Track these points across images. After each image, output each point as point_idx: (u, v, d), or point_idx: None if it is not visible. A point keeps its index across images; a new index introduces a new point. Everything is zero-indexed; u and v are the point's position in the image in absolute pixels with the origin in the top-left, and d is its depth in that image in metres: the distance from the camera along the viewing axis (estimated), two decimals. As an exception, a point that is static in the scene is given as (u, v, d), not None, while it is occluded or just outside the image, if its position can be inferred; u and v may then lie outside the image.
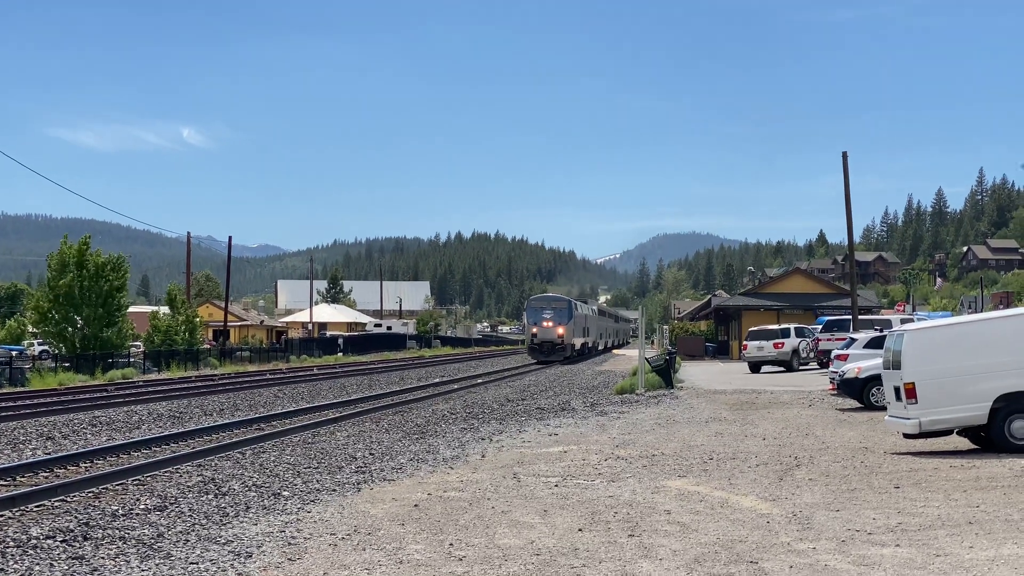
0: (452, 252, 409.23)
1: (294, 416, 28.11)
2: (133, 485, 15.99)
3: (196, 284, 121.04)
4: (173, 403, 33.93)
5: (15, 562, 10.64)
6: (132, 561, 10.70)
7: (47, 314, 59.46)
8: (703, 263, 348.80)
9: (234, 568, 10.27)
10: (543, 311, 70.93)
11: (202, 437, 22.93)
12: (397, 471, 17.39)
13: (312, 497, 14.71)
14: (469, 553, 10.74)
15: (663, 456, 18.65)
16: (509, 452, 19.84)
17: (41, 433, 24.31)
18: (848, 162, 48.51)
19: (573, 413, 28.64)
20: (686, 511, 12.96)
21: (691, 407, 29.57)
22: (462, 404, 32.60)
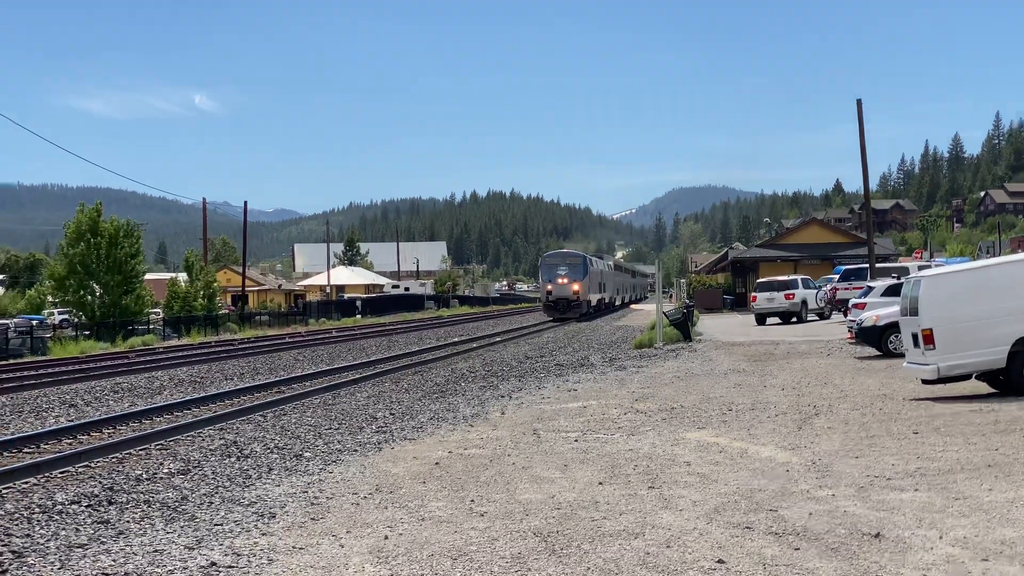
0: (468, 211, 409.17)
1: (314, 378, 28.22)
2: (156, 450, 16.11)
3: (213, 250, 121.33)
4: (194, 368, 34.10)
5: (41, 527, 10.75)
6: (157, 524, 10.80)
7: (64, 282, 59.78)
8: (719, 216, 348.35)
9: (258, 528, 10.36)
10: (558, 268, 69.93)
11: (223, 401, 23.05)
12: (417, 430, 17.48)
13: (334, 458, 14.80)
14: (490, 509, 10.81)
15: (682, 408, 18.69)
16: (528, 409, 19.91)
17: (64, 401, 24.47)
18: (863, 110, 48.24)
19: (592, 368, 28.70)
20: (705, 462, 13.01)
21: (709, 359, 29.59)
22: (481, 362, 32.68)
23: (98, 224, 59.49)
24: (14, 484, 13.11)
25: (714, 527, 9.57)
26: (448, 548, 9.20)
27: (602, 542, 9.18)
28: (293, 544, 9.61)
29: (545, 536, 9.48)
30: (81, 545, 9.96)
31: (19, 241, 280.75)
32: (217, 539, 9.98)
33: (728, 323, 52.53)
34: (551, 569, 8.39)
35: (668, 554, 8.70)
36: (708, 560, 8.45)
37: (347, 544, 9.52)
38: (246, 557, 9.20)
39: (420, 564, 8.71)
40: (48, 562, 9.33)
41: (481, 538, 9.53)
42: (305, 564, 8.88)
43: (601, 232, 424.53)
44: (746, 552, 8.66)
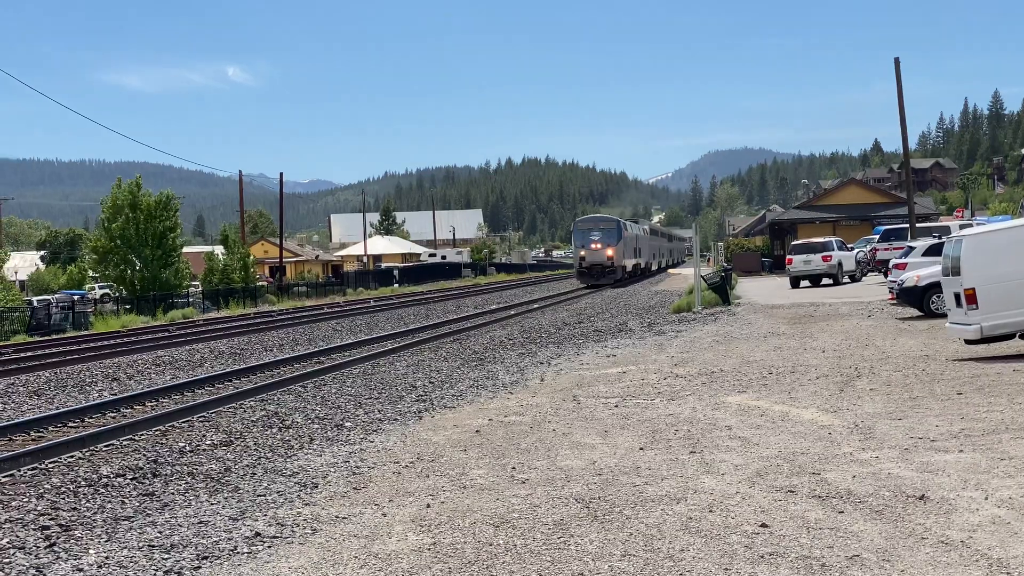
0: (503, 179, 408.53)
1: (353, 348, 28.32)
2: (199, 422, 16.22)
3: (250, 221, 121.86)
4: (233, 340, 34.30)
5: (87, 500, 10.85)
6: (201, 495, 10.88)
7: (105, 256, 60.23)
8: (756, 178, 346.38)
9: (301, 499, 10.41)
10: (591, 233, 67.86)
11: (263, 372, 23.17)
12: (457, 398, 17.51)
13: (374, 427, 14.85)
14: (532, 476, 10.81)
15: (722, 372, 18.62)
16: (568, 375, 19.90)
17: (107, 375, 24.67)
18: (900, 68, 47.71)
19: (630, 334, 28.64)
20: (747, 426, 12.96)
21: (749, 323, 29.46)
22: (519, 329, 32.68)
23: (137, 198, 59.83)
24: (60, 458, 13.24)
25: (756, 491, 9.54)
26: (490, 515, 9.21)
27: (644, 507, 9.17)
28: (336, 514, 9.65)
29: (587, 502, 9.47)
30: (127, 518, 10.05)
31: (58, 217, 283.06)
32: (261, 510, 10.04)
33: (767, 286, 52.28)
34: (593, 535, 8.39)
35: (711, 518, 8.68)
36: (751, 524, 8.43)
37: (389, 513, 9.55)
38: (290, 527, 9.25)
39: (462, 532, 8.73)
40: (95, 535, 9.42)
41: (523, 505, 9.53)
42: (348, 533, 8.92)
43: (637, 196, 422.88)
44: (789, 515, 8.63)
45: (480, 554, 8.08)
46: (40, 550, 8.95)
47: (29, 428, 15.83)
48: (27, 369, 26.51)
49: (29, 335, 43.27)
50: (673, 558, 7.68)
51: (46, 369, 26.58)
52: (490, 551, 8.14)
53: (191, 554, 8.59)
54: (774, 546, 7.84)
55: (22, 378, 24.64)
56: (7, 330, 43.98)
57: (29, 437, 15.28)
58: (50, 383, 23.36)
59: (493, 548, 8.21)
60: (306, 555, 8.35)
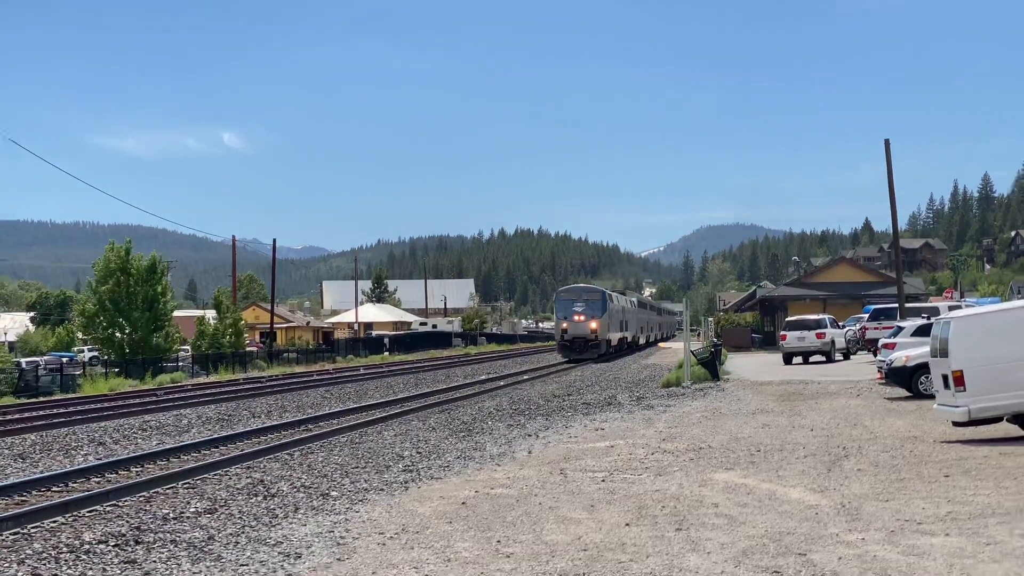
0: (496, 249, 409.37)
1: (341, 416, 28.25)
2: (183, 488, 16.14)
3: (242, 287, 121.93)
4: (222, 406, 34.20)
5: (68, 567, 10.78)
6: (184, 564, 10.81)
7: (94, 319, 60.18)
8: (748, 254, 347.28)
9: (284, 569, 10.35)
10: (574, 303, 64.25)
11: (250, 439, 23.09)
12: (444, 469, 17.45)
13: (360, 497, 14.79)
14: (517, 550, 10.77)
15: (710, 449, 18.59)
16: (556, 448, 19.85)
17: (93, 439, 24.57)
18: (891, 149, 48.11)
19: (619, 407, 28.61)
20: (733, 504, 12.92)
21: (738, 399, 29.45)
22: (508, 401, 32.64)
23: (127, 261, 59.90)
24: (43, 523, 13.15)
25: (742, 571, 9.50)
26: (474, 590, 9.16)
27: (629, 585, 9.13)
28: (319, 585, 9.60)
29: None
30: (108, 584, 9.98)
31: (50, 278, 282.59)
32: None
33: (757, 362, 52.29)
34: (577, 612, 8.34)
35: (695, 598, 8.63)
36: (736, 604, 8.39)
37: (373, 585, 9.50)
38: (272, 598, 9.20)
39: (446, 606, 8.68)
40: (75, 601, 9.34)
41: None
42: (331, 605, 8.87)
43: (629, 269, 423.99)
44: (774, 596, 8.59)
45: (463, 629, 8.03)
46: (19, 616, 8.88)
47: (12, 492, 15.74)
48: (13, 432, 26.38)
49: (16, 397, 43.07)
50: (656, 637, 7.64)
51: (32, 432, 26.46)
52: (473, 626, 8.09)
53: (171, 623, 8.53)
54: (758, 627, 7.80)
55: (7, 440, 24.52)
56: (-6, 391, 43.76)
57: (12, 501, 15.20)
58: (35, 446, 23.24)
59: (476, 623, 8.16)
60: (287, 627, 8.30)
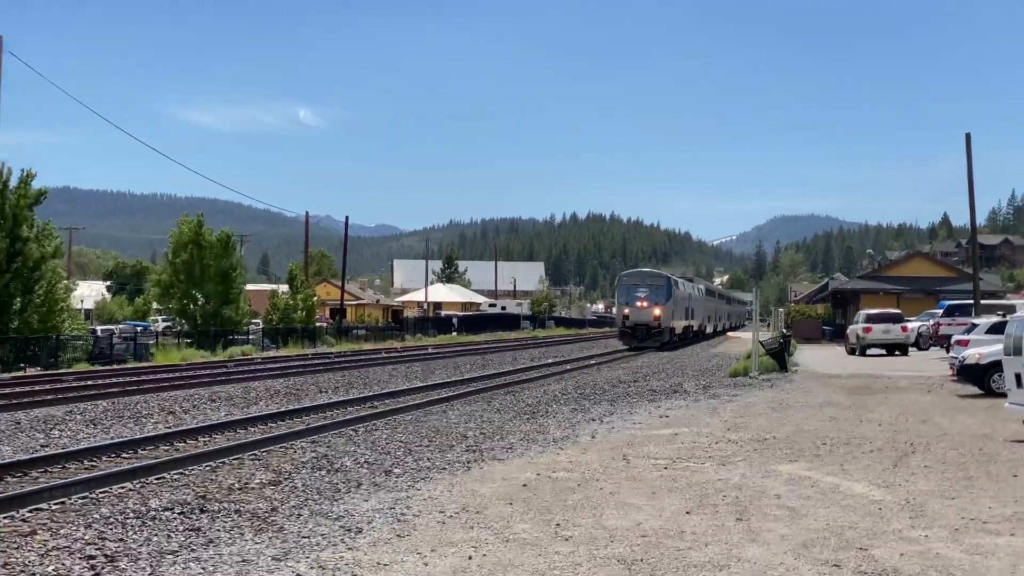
0: (567, 233, 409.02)
1: (407, 394, 28.41)
2: (249, 460, 16.33)
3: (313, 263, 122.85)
4: (290, 380, 34.52)
5: (134, 533, 10.95)
6: (246, 534, 10.94)
7: (168, 290, 61.03)
8: (821, 246, 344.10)
9: (344, 543, 10.43)
10: (636, 289, 61.42)
11: (317, 414, 23.30)
12: (507, 451, 17.49)
13: (422, 475, 14.86)
14: (575, 533, 10.78)
15: (775, 440, 18.47)
16: (619, 433, 19.82)
17: (163, 407, 24.93)
18: (972, 144, 47.40)
19: (685, 395, 28.50)
20: (796, 496, 12.84)
21: (805, 391, 29.22)
22: (574, 385, 32.63)
23: (200, 234, 60.64)
24: (111, 489, 13.37)
25: (801, 563, 9.44)
26: (531, 571, 9.19)
27: (686, 573, 9.11)
28: (378, 560, 9.67)
29: (629, 564, 9.42)
30: (172, 552, 10.12)
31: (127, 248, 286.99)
32: (304, 552, 10.08)
33: (826, 354, 51.87)
34: (633, 598, 8.34)
35: (753, 588, 8.60)
36: (793, 596, 8.34)
37: (431, 563, 9.55)
38: (331, 571, 9.28)
39: (502, 586, 8.71)
40: (139, 567, 9.49)
41: (564, 563, 9.50)
42: (389, 581, 8.93)
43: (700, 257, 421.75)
44: (833, 590, 8.53)
45: (518, 610, 8.06)
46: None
47: (83, 457, 16.03)
48: (86, 398, 26.83)
49: (91, 364, 43.81)
50: (712, 626, 7.62)
51: (104, 399, 26.89)
52: (528, 607, 8.11)
53: (232, 592, 8.64)
54: (815, 620, 7.75)
55: (80, 406, 24.95)
56: (70, 358, 44.54)
57: (82, 466, 15.47)
58: (107, 413, 23.63)
59: (532, 604, 8.18)
60: (345, 600, 8.37)
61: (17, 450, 17.56)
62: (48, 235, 46.50)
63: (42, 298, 44.83)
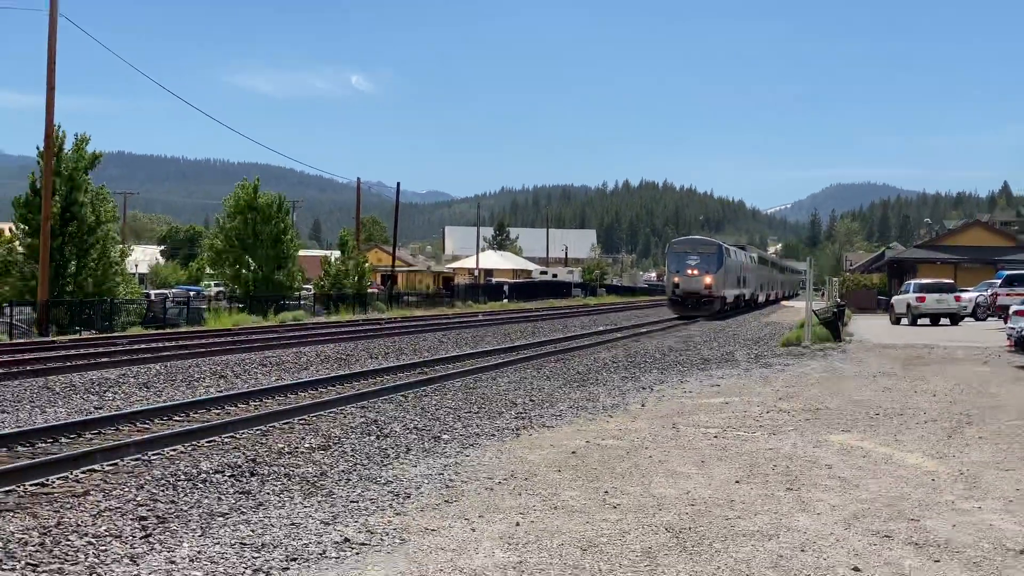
0: (619, 200, 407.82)
1: (457, 361, 28.45)
2: (299, 424, 16.41)
3: (364, 229, 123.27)
4: (340, 345, 34.68)
5: (185, 495, 11.03)
6: (296, 497, 10.99)
7: (221, 255, 61.47)
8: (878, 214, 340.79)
9: (392, 508, 10.45)
10: (687, 256, 60.81)
11: (366, 379, 23.38)
12: (556, 418, 17.46)
13: (471, 441, 14.87)
14: (624, 501, 10.73)
15: (827, 410, 18.32)
16: (669, 402, 19.74)
17: (215, 371, 25.12)
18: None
19: (736, 364, 28.34)
20: (848, 466, 12.72)
21: (859, 361, 28.96)
22: (624, 353, 32.54)
23: (256, 199, 60.96)
24: (163, 451, 13.49)
25: (852, 533, 9.35)
26: (578, 538, 9.16)
27: (735, 541, 9.04)
28: (426, 525, 9.68)
29: (677, 532, 9.37)
30: (222, 514, 10.19)
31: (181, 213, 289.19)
32: (352, 516, 10.11)
33: (881, 324, 51.40)
34: (680, 566, 8.29)
35: (802, 558, 8.52)
36: (843, 567, 8.26)
37: (478, 528, 9.55)
38: (379, 535, 9.30)
39: (549, 552, 8.69)
40: (190, 528, 9.56)
41: (612, 530, 9.47)
42: (436, 546, 8.93)
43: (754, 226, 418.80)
44: (883, 561, 8.44)
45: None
46: (136, 540, 9.11)
47: (135, 419, 16.17)
48: (139, 361, 27.08)
49: (144, 327, 44.25)
50: (760, 596, 7.55)
51: (157, 362, 27.14)
52: (575, 574, 8.08)
53: (281, 554, 8.68)
54: (865, 591, 7.67)
55: (133, 369, 25.19)
56: (124, 321, 45.00)
57: (135, 428, 15.61)
58: (160, 376, 23.84)
59: (578, 571, 8.15)
60: (392, 564, 8.38)
61: (71, 412, 17.76)
62: (102, 199, 46.88)
63: (96, 262, 45.28)
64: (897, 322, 51.12)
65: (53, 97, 41.20)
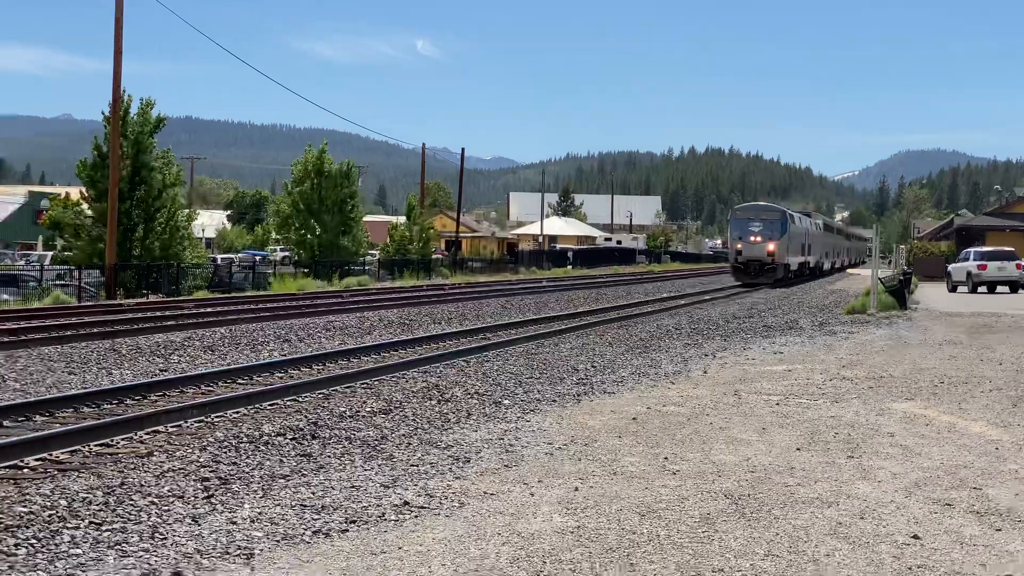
0: (685, 167, 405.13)
1: (519, 327, 28.48)
2: (361, 388, 16.52)
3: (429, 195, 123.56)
4: (404, 310, 34.83)
5: (247, 456, 11.17)
6: (356, 460, 11.08)
7: (287, 220, 61.91)
8: (947, 181, 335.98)
9: (452, 472, 10.52)
10: (750, 223, 59.44)
11: (429, 344, 23.48)
12: (618, 384, 17.45)
13: (532, 407, 14.90)
14: (683, 467, 10.73)
15: (891, 378, 18.15)
16: (732, 369, 19.66)
17: (279, 335, 25.34)
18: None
19: (800, 332, 28.14)
20: (910, 434, 12.61)
21: (925, 329, 28.66)
22: (687, 320, 32.41)
23: (323, 164, 61.24)
24: (226, 413, 13.64)
25: (912, 501, 9.29)
26: (637, 504, 9.17)
27: (793, 509, 9.01)
28: (485, 489, 9.73)
29: (736, 499, 9.36)
30: (283, 476, 10.30)
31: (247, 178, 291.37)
32: (412, 479, 10.19)
33: (947, 292, 50.83)
34: (739, 532, 8.28)
35: (861, 525, 8.48)
36: (902, 535, 8.20)
37: (537, 493, 9.58)
38: (438, 499, 9.36)
39: (607, 518, 8.71)
40: (251, 490, 9.68)
41: (671, 496, 9.47)
42: (494, 510, 8.98)
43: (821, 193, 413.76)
44: (944, 529, 8.38)
45: (622, 541, 8.04)
46: (198, 500, 9.25)
47: (200, 382, 16.36)
48: (205, 324, 27.40)
49: (210, 291, 44.74)
50: (817, 562, 7.53)
51: (222, 326, 27.42)
52: (633, 539, 8.10)
53: (340, 516, 8.77)
54: (924, 559, 7.62)
55: (199, 333, 25.49)
56: (190, 285, 45.53)
57: (199, 390, 15.80)
58: (225, 339, 24.10)
59: (636, 537, 8.17)
60: (451, 528, 8.44)
61: (137, 374, 18.02)
62: (169, 163, 47.31)
63: (163, 226, 45.74)
64: (954, 290, 50.82)
65: (120, 62, 41.60)
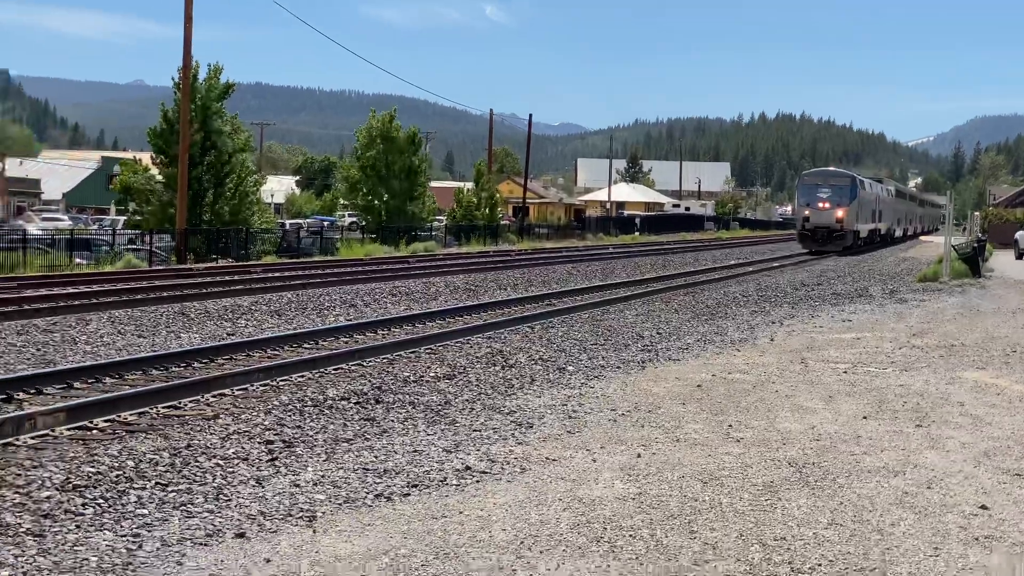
0: (755, 133, 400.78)
1: (585, 293, 28.39)
2: (425, 353, 16.55)
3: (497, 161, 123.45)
4: (469, 276, 34.86)
5: (311, 420, 11.23)
6: (419, 425, 11.11)
7: (355, 186, 62.09)
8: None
9: (515, 437, 10.51)
10: (818, 189, 58.44)
11: (494, 310, 23.46)
12: (683, 351, 17.34)
13: (596, 373, 14.84)
14: (747, 435, 10.63)
15: (962, 346, 17.88)
16: (799, 337, 19.45)
17: (345, 300, 25.46)
18: None
19: (870, 300, 27.80)
20: (980, 403, 12.41)
21: (998, 297, 28.20)
22: (755, 287, 32.14)
23: (391, 129, 61.29)
24: (291, 377, 13.72)
25: (981, 471, 9.14)
26: (699, 471, 9.10)
27: (859, 477, 8.90)
28: (547, 455, 9.71)
29: (800, 467, 9.26)
30: (347, 440, 10.35)
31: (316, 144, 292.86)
32: (474, 444, 10.19)
33: (1015, 260, 50.05)
34: (802, 500, 8.19)
35: (928, 495, 8.35)
36: (970, 505, 8.08)
37: (599, 459, 9.55)
38: (500, 464, 9.36)
39: (669, 485, 8.65)
40: (315, 453, 9.74)
41: (734, 464, 9.39)
42: (556, 475, 8.96)
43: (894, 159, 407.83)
44: (1012, 500, 8.24)
45: (684, 508, 7.99)
46: (262, 463, 9.32)
47: (267, 346, 16.47)
48: (272, 289, 27.59)
49: (278, 256, 45.06)
50: (882, 532, 7.43)
51: (289, 291, 27.61)
52: (694, 507, 8.04)
53: (402, 481, 8.79)
54: (991, 529, 7.50)
55: (266, 297, 25.67)
56: (259, 250, 45.85)
57: (265, 354, 15.90)
58: (291, 304, 24.25)
59: (698, 504, 8.11)
60: (512, 493, 8.43)
61: (205, 338, 18.18)
62: (237, 129, 47.56)
63: (232, 191, 46.02)
64: (1020, 257, 50.14)
65: (191, 28, 41.86)
